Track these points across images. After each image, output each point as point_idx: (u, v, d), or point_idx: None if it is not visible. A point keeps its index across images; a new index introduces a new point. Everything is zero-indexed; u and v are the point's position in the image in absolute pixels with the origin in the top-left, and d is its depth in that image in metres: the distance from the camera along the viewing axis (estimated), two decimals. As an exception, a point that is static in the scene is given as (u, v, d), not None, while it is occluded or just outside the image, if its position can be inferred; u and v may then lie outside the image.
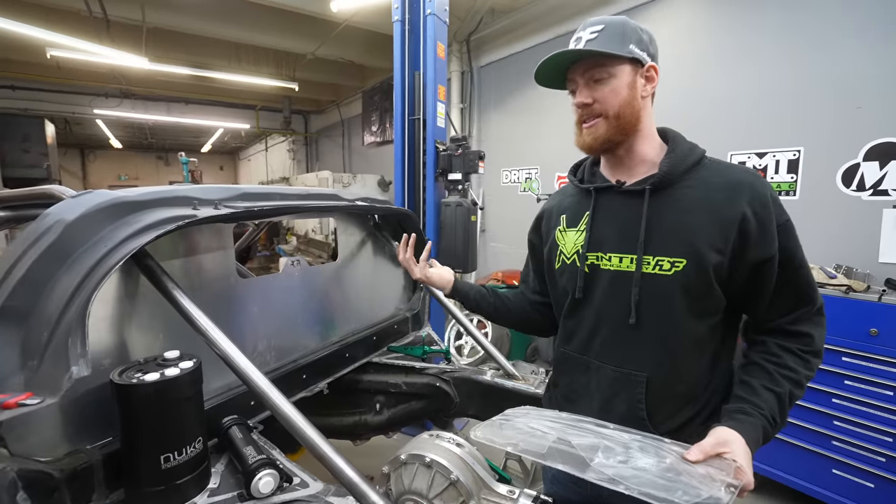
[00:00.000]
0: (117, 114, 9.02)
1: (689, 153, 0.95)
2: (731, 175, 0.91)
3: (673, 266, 0.91)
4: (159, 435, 0.87)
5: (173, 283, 1.00)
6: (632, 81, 0.93)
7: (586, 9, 4.01)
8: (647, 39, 0.94)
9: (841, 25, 2.63)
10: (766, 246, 0.87)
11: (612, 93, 0.93)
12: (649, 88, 0.96)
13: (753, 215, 0.86)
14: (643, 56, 0.93)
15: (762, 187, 0.89)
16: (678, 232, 0.91)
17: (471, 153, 2.80)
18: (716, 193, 0.89)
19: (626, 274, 0.96)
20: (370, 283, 1.87)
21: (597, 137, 0.96)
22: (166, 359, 0.94)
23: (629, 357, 0.97)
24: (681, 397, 0.96)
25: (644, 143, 0.98)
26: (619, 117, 0.94)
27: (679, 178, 0.93)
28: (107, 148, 14.12)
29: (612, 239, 0.98)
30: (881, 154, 2.51)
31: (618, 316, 0.97)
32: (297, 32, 5.47)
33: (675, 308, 0.92)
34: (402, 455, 1.25)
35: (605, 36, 0.92)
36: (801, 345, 0.91)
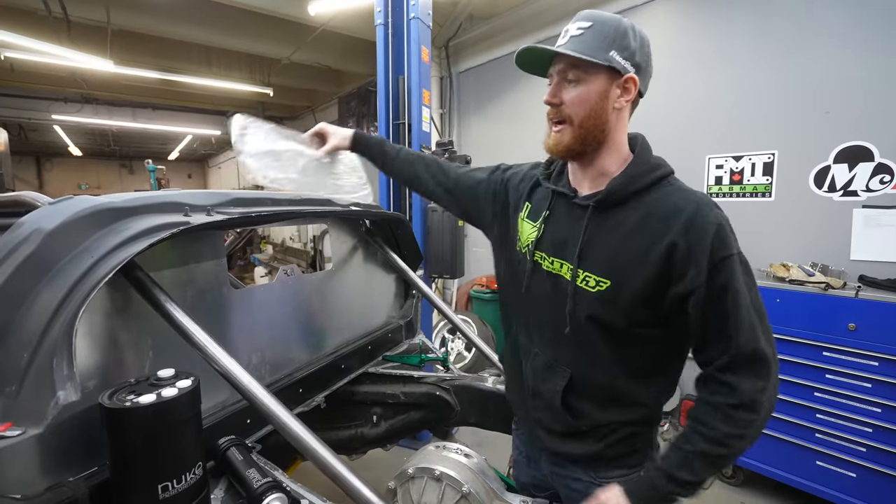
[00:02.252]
0: (77, 119, 8.59)
1: (643, 174, 0.91)
2: (676, 202, 0.87)
3: (597, 284, 0.91)
4: (157, 462, 0.79)
5: (166, 296, 0.93)
6: (604, 91, 0.89)
7: (564, 15, 4.07)
8: (635, 47, 0.88)
9: (811, 33, 2.76)
10: (691, 279, 0.83)
11: (581, 99, 0.89)
12: (623, 101, 0.90)
13: (686, 246, 0.83)
14: (623, 65, 0.87)
15: (704, 218, 0.83)
16: (608, 253, 0.91)
17: (457, 158, 2.78)
18: (653, 220, 0.87)
19: (560, 279, 0.98)
20: (363, 291, 1.81)
21: (559, 143, 0.94)
22: (161, 378, 0.86)
23: (561, 354, 1.01)
24: (604, 398, 0.98)
25: (608, 156, 0.95)
26: (582, 127, 0.91)
27: (626, 198, 0.91)
28: (65, 155, 13.44)
29: (554, 242, 1.00)
30: (850, 156, 2.63)
31: (552, 316, 1.00)
32: (271, 36, 5.35)
33: (596, 323, 0.93)
34: (409, 469, 1.20)
35: (590, 35, 0.87)
36: (724, 398, 0.83)
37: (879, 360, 2.13)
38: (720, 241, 0.83)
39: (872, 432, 2.16)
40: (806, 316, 2.34)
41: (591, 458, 1.02)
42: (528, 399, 1.09)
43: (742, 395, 0.82)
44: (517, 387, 1.14)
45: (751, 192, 3.05)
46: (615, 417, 0.98)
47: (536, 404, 1.07)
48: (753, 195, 3.04)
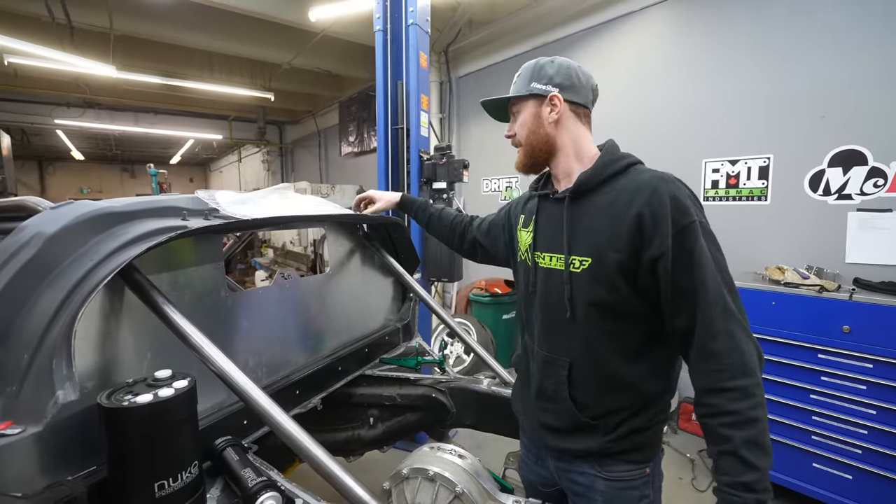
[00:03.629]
0: (80, 124, 8.65)
1: (609, 164, 1.03)
2: (641, 179, 0.98)
3: (581, 264, 1.01)
4: (154, 461, 0.81)
5: (164, 298, 0.95)
6: (535, 112, 1.09)
7: (562, 21, 4.11)
8: (552, 73, 1.07)
9: (806, 39, 2.79)
10: (658, 243, 0.90)
11: (521, 125, 1.12)
12: (554, 115, 1.07)
13: (650, 215, 0.92)
14: (543, 89, 1.07)
15: (664, 188, 0.93)
16: (586, 233, 1.02)
17: (455, 162, 2.80)
18: (622, 197, 0.97)
19: (552, 271, 1.09)
20: (360, 294, 1.83)
21: (518, 161, 1.16)
22: (158, 378, 0.88)
23: (557, 345, 1.08)
24: (603, 386, 1.03)
25: (565, 158, 1.10)
26: (528, 144, 1.12)
27: (596, 186, 1.03)
28: (67, 160, 13.52)
29: (545, 239, 1.13)
30: (844, 160, 2.66)
31: (552, 308, 1.08)
32: (272, 42, 5.40)
33: (586, 302, 1.01)
34: (403, 470, 1.22)
35: (519, 80, 1.11)
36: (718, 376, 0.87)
37: (874, 362, 2.14)
38: (679, 209, 0.91)
39: (868, 434, 2.17)
40: (801, 318, 2.35)
41: (597, 453, 1.05)
42: (533, 401, 1.14)
43: (732, 363, 0.86)
44: (524, 392, 1.20)
45: (747, 196, 3.07)
46: (618, 404, 1.02)
47: (541, 404, 1.11)
48: (749, 199, 3.06)
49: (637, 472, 1.04)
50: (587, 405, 1.04)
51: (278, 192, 1.29)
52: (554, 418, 1.09)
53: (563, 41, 4.17)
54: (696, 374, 0.91)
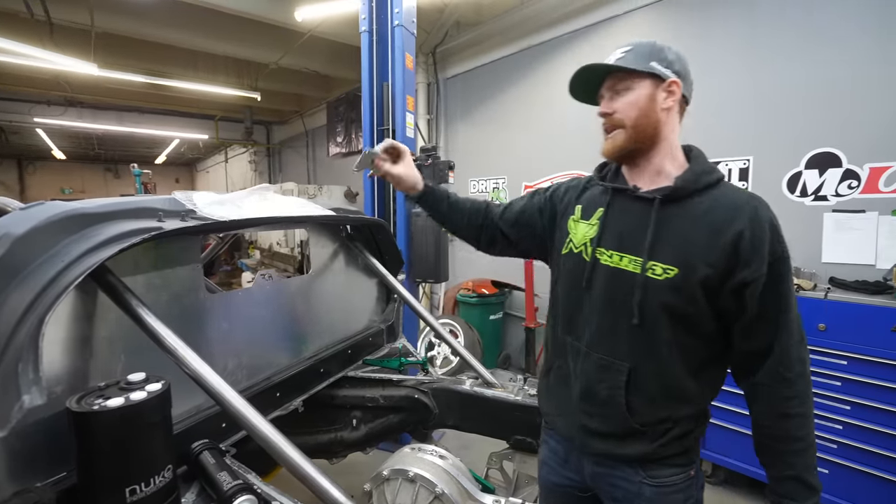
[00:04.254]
0: (61, 123, 8.47)
1: (705, 174, 0.99)
2: (739, 197, 0.95)
3: (665, 272, 0.96)
4: (125, 466, 0.80)
5: (137, 301, 0.94)
6: (651, 94, 0.99)
7: (550, 23, 4.14)
8: (672, 58, 1.00)
9: (785, 44, 2.85)
10: (754, 268, 0.90)
11: (631, 104, 1.00)
12: (670, 101, 1.00)
13: (751, 237, 0.90)
14: (664, 72, 0.98)
15: (765, 214, 0.93)
16: (676, 242, 0.96)
17: (441, 163, 2.81)
18: (720, 211, 0.93)
19: (623, 272, 1.01)
20: (343, 296, 1.82)
21: (615, 145, 1.03)
22: (130, 382, 0.87)
23: (616, 348, 1.02)
24: (661, 394, 1.00)
25: (663, 156, 1.03)
26: (635, 127, 1.00)
27: (690, 194, 0.97)
28: (48, 159, 13.22)
29: (615, 237, 1.04)
30: (820, 163, 2.72)
31: (616, 310, 1.01)
32: (259, 41, 5.35)
33: (659, 311, 0.96)
34: (384, 471, 1.22)
35: (632, 55, 1.00)
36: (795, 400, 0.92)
37: (848, 358, 2.20)
38: (777, 238, 0.92)
39: (843, 429, 2.22)
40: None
41: (644, 459, 1.02)
42: (577, 403, 1.07)
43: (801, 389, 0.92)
44: (561, 392, 1.13)
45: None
46: (669, 413, 1.00)
47: (588, 408, 1.05)
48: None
49: (682, 476, 1.03)
50: (640, 412, 1.01)
51: (258, 194, 1.28)
52: (600, 422, 1.04)
53: (549, 43, 4.20)
54: (764, 395, 0.95)
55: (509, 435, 1.52)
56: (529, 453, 1.52)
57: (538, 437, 1.47)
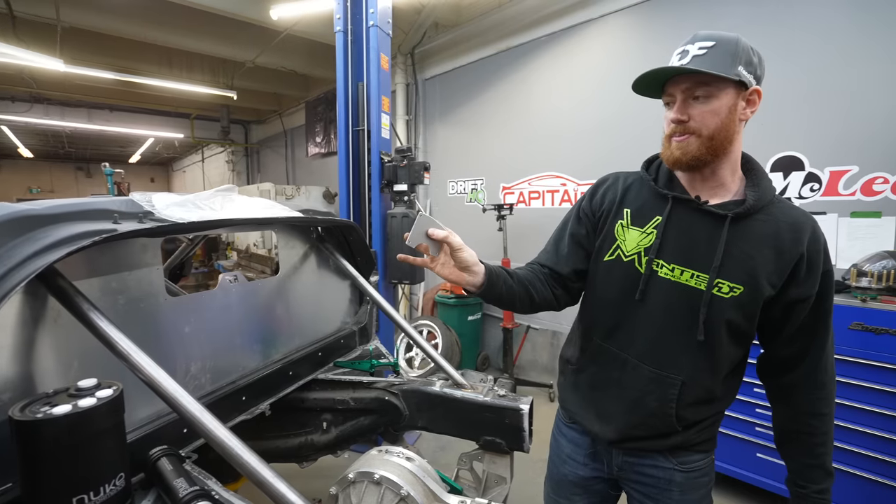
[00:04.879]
0: (26, 120, 8.17)
1: (769, 190, 0.98)
2: (796, 216, 0.97)
3: (731, 290, 0.95)
4: (72, 475, 0.78)
5: (89, 304, 0.91)
6: (733, 104, 0.92)
7: (527, 26, 4.19)
8: (756, 62, 0.94)
9: (746, 51, 2.94)
10: (808, 286, 0.95)
11: (711, 113, 0.92)
12: (749, 112, 0.95)
13: (809, 257, 0.94)
14: (749, 79, 0.91)
15: (820, 232, 0.97)
16: (744, 261, 0.95)
17: (416, 164, 2.81)
18: (782, 230, 0.94)
19: (686, 288, 0.99)
20: (314, 297, 1.80)
21: (686, 153, 0.96)
22: (81, 388, 0.84)
23: (671, 362, 1.02)
24: (703, 401, 1.05)
25: (727, 167, 0.99)
26: (712, 138, 0.93)
27: (757, 211, 0.96)
28: (15, 157, 12.74)
29: (677, 250, 1.01)
30: (784, 166, 2.82)
31: (675, 326, 1.01)
32: (234, 39, 5.26)
33: (723, 327, 0.97)
34: (349, 474, 1.21)
35: (715, 53, 0.91)
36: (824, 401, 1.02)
37: (809, 356, 2.28)
38: (827, 255, 0.97)
39: (805, 425, 2.30)
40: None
41: (676, 447, 1.07)
42: (621, 412, 1.09)
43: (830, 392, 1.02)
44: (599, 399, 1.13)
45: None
46: (708, 414, 1.07)
47: (635, 418, 1.07)
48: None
49: (706, 460, 1.10)
50: (685, 418, 1.04)
51: (222, 195, 1.26)
52: (645, 430, 1.06)
53: (526, 45, 4.25)
54: (798, 395, 1.04)
55: (479, 435, 1.52)
56: (499, 454, 1.53)
57: (507, 437, 1.49)
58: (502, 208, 3.90)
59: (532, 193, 4.31)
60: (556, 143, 4.07)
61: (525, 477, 2.74)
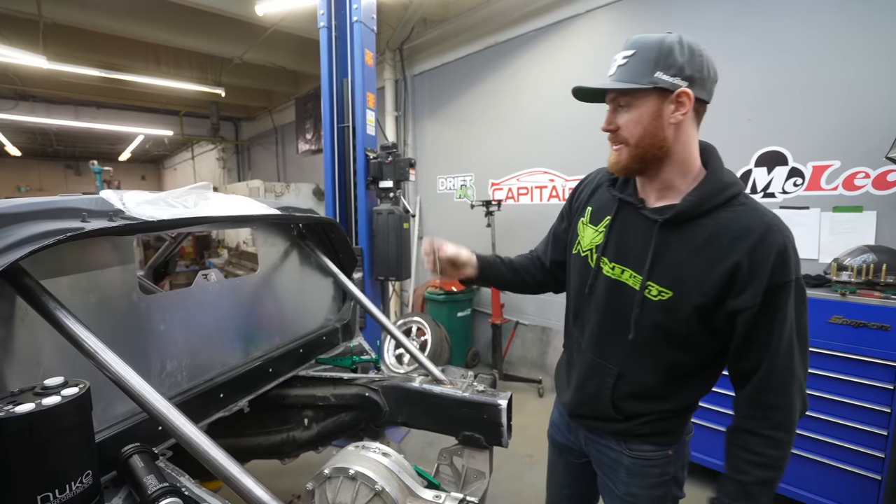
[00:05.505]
0: (11, 118, 8.06)
1: (715, 195, 0.93)
2: (747, 222, 0.89)
3: (659, 294, 0.97)
4: (36, 473, 0.78)
5: (55, 303, 0.91)
6: (656, 111, 0.92)
7: (512, 22, 4.18)
8: (682, 61, 0.89)
9: (735, 47, 2.95)
10: (748, 297, 0.88)
11: (635, 122, 0.94)
12: (679, 115, 0.91)
13: (749, 266, 0.87)
14: (671, 82, 0.89)
15: (773, 239, 0.87)
16: (674, 266, 0.95)
17: (401, 161, 2.81)
18: (722, 239, 0.90)
19: (623, 286, 1.03)
20: (295, 295, 1.81)
21: (619, 162, 1.00)
22: (46, 387, 0.84)
23: (609, 353, 1.09)
24: (642, 396, 1.07)
25: (673, 169, 0.97)
26: (638, 146, 0.95)
27: (697, 216, 0.93)
28: (2, 155, 12.58)
29: (618, 250, 1.05)
30: (768, 161, 2.84)
31: (612, 320, 1.06)
32: (221, 35, 5.21)
33: (653, 329, 1.00)
34: (325, 469, 1.22)
35: (633, 63, 0.92)
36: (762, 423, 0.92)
37: (790, 349, 2.30)
38: (781, 266, 0.87)
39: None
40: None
41: (623, 433, 1.12)
42: (572, 388, 1.19)
43: (777, 417, 0.91)
44: (568, 371, 1.24)
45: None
46: (650, 409, 1.07)
47: (579, 396, 1.17)
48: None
49: (659, 453, 1.09)
50: (623, 408, 1.08)
51: (196, 193, 1.26)
52: (589, 410, 1.15)
53: (514, 41, 4.24)
54: (743, 409, 0.96)
55: (458, 431, 1.53)
56: (478, 448, 1.54)
57: (486, 432, 1.51)
58: (490, 204, 3.91)
59: (520, 189, 4.32)
60: (545, 138, 4.08)
61: (512, 472, 2.76)
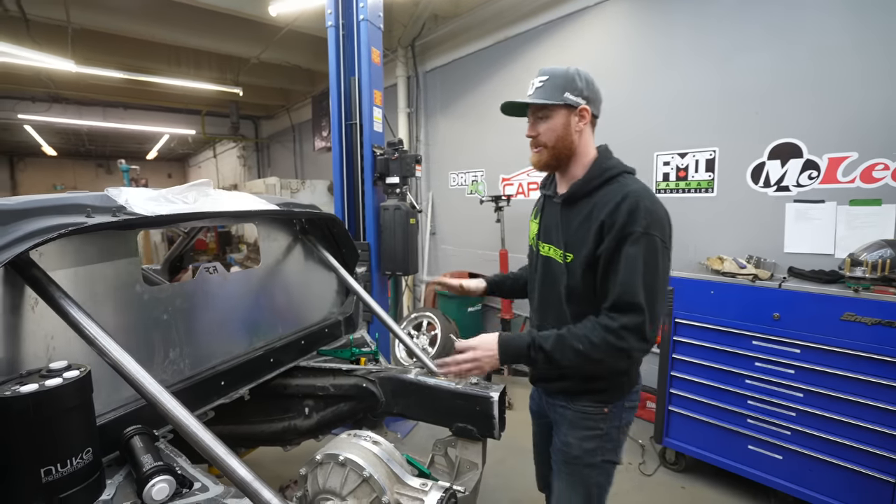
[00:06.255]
0: (46, 119, 8.44)
1: (595, 177, 1.26)
2: (613, 194, 1.20)
3: (565, 258, 1.30)
4: (39, 448, 0.84)
5: (60, 292, 0.98)
6: (566, 121, 1.26)
7: (523, 16, 4.15)
8: (581, 86, 1.25)
9: (747, 37, 2.87)
10: (606, 245, 1.18)
11: (550, 130, 1.28)
12: (581, 125, 1.27)
13: (609, 223, 1.18)
14: (576, 101, 1.24)
15: (627, 202, 1.16)
16: (571, 234, 1.28)
17: (408, 157, 2.84)
18: (598, 208, 1.22)
19: (552, 260, 1.35)
20: (297, 288, 1.86)
21: (539, 161, 1.34)
22: (51, 370, 0.91)
23: (547, 319, 1.38)
24: None
25: (577, 165, 1.32)
26: (554, 148, 1.29)
27: (584, 194, 1.27)
28: (39, 155, 13.18)
29: (545, 232, 1.40)
30: (782, 153, 2.76)
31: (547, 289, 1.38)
32: (238, 36, 5.33)
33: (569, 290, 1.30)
34: (317, 455, 1.26)
35: (547, 86, 1.25)
36: (600, 320, 1.17)
37: (801, 347, 2.25)
38: (630, 219, 1.14)
39: (796, 416, 2.28)
40: (736, 307, 2.44)
41: (563, 392, 1.38)
42: None
43: (613, 324, 1.15)
44: None
45: (695, 188, 3.16)
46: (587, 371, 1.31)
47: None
48: (698, 191, 3.15)
49: (595, 409, 1.33)
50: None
51: (196, 189, 1.32)
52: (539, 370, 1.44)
53: (525, 35, 4.21)
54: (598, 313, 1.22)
55: (451, 422, 1.56)
56: (471, 440, 1.57)
57: (478, 424, 1.53)
58: (500, 199, 3.91)
59: (531, 184, 4.30)
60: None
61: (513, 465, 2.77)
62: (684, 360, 2.65)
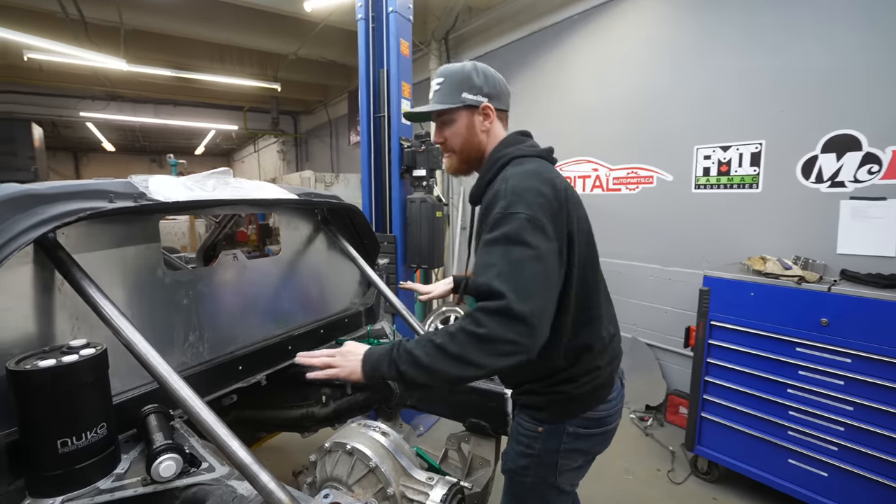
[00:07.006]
0: (102, 116, 9.02)
1: (487, 171, 1.18)
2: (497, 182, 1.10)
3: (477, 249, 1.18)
4: (55, 420, 0.88)
5: (82, 273, 1.02)
6: (469, 122, 1.18)
7: (560, 5, 4.03)
8: (480, 83, 1.16)
9: (800, 22, 2.65)
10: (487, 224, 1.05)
11: (455, 134, 1.20)
12: (487, 124, 1.19)
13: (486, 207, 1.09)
14: (475, 100, 1.16)
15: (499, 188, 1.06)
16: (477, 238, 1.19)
17: (434, 149, 2.82)
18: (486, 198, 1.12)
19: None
20: (317, 278, 1.88)
21: (450, 167, 1.27)
22: (71, 346, 0.95)
23: None
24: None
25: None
26: (462, 152, 1.22)
27: (482, 193, 1.18)
28: (100, 151, 14.13)
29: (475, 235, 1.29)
30: (837, 146, 2.53)
31: None
32: (275, 33, 5.48)
33: None
34: (326, 444, 1.27)
35: (444, 88, 1.17)
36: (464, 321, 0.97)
37: (852, 356, 2.06)
38: (491, 207, 1.05)
39: (844, 431, 2.10)
40: (779, 310, 2.28)
41: (517, 403, 1.29)
42: None
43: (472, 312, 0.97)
44: None
45: (738, 184, 2.97)
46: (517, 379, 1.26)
47: None
48: (741, 186, 2.96)
49: (530, 426, 1.20)
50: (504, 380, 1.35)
51: (216, 178, 1.35)
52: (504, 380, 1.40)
53: (559, 25, 4.09)
54: None
55: (465, 417, 1.54)
56: (484, 437, 1.54)
57: (491, 420, 1.50)
58: (529, 195, 3.82)
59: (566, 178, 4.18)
60: (590, 126, 3.91)
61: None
62: (720, 365, 2.50)
